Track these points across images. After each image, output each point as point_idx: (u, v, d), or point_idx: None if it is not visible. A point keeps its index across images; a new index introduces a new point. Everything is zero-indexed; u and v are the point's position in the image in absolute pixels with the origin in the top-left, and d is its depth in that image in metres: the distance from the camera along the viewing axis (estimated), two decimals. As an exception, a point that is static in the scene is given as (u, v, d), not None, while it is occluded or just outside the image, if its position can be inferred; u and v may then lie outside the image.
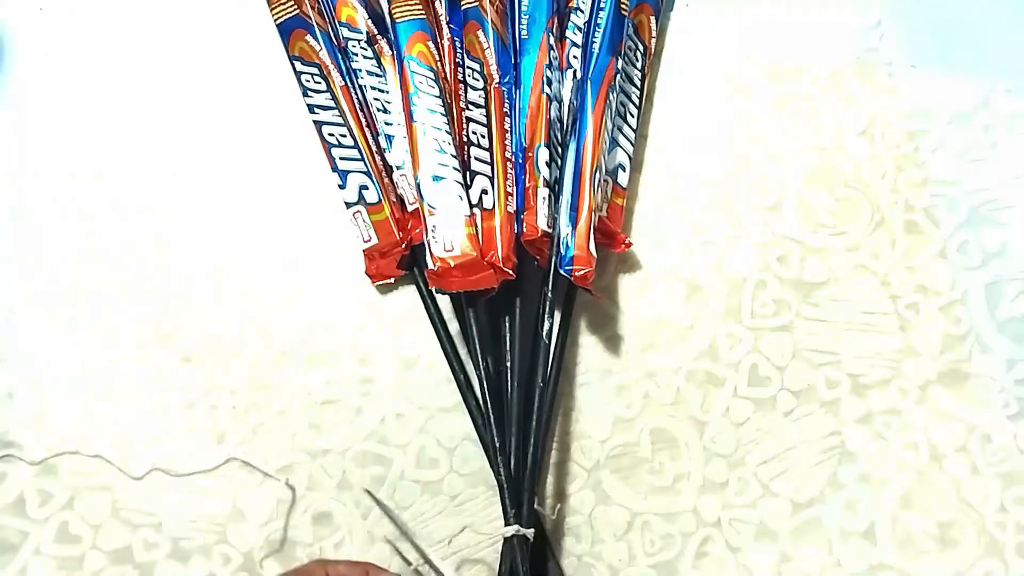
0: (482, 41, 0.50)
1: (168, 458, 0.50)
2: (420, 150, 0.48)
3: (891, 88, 0.56)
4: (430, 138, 0.48)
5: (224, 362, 0.51)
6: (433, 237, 0.47)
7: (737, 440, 0.50)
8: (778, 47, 0.57)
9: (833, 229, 0.54)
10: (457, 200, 0.47)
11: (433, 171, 0.48)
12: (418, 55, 0.50)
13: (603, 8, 0.52)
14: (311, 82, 0.53)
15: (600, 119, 0.49)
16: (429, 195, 0.47)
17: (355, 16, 0.53)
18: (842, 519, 0.49)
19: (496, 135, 0.49)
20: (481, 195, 0.48)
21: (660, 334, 0.52)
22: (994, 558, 0.49)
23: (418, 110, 0.48)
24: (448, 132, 0.49)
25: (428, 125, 0.48)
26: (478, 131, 0.49)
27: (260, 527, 0.49)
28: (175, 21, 0.57)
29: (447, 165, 0.48)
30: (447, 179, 0.48)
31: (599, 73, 0.50)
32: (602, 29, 0.51)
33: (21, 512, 0.49)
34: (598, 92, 0.50)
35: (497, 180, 0.49)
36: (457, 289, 0.47)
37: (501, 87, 0.49)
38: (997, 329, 0.52)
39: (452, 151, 0.48)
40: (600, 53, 0.51)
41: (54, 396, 0.51)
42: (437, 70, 0.50)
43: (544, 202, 0.48)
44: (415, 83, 0.49)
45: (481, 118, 0.49)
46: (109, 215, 0.54)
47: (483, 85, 0.49)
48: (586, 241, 0.47)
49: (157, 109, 0.56)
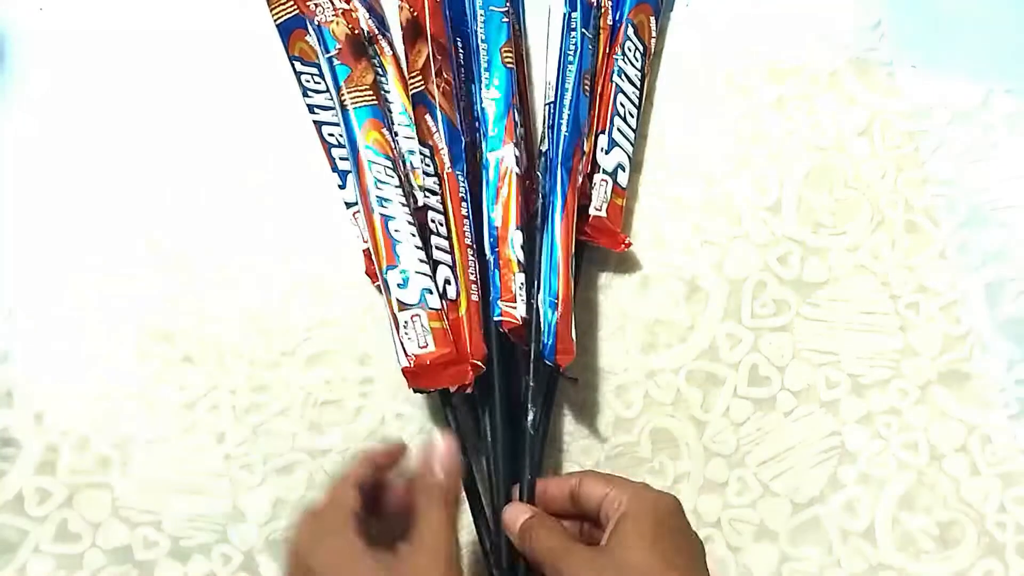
0: (431, 125, 0.48)
1: (168, 458, 0.50)
2: (382, 243, 0.46)
3: (891, 88, 0.56)
4: (392, 229, 0.47)
5: (224, 362, 0.51)
6: (406, 334, 0.46)
7: (737, 440, 0.50)
8: (778, 47, 0.57)
9: (833, 229, 0.54)
10: (426, 294, 0.46)
11: (400, 265, 0.46)
12: (374, 144, 0.48)
13: (567, 88, 0.50)
14: (311, 82, 0.53)
15: (573, 199, 0.48)
16: (397, 292, 0.46)
17: (356, 16, 0.53)
18: (842, 519, 0.49)
19: (454, 222, 0.47)
20: (445, 285, 0.47)
21: (660, 334, 0.52)
22: (994, 558, 0.49)
23: (378, 201, 0.47)
24: (411, 223, 0.47)
25: (389, 216, 0.47)
26: (436, 218, 0.48)
27: (260, 527, 0.49)
28: (175, 21, 0.57)
29: (412, 257, 0.46)
30: (413, 271, 0.46)
31: (568, 152, 0.48)
32: (568, 109, 0.49)
33: (20, 510, 0.49)
34: (569, 172, 0.48)
35: (459, 268, 0.47)
36: (435, 387, 0.46)
37: (455, 172, 0.48)
38: (997, 329, 0.52)
39: (417, 243, 0.47)
40: (568, 132, 0.49)
41: (54, 396, 0.51)
42: (393, 157, 0.48)
43: (521, 288, 0.46)
44: (373, 173, 0.47)
45: (437, 205, 0.48)
46: (109, 215, 0.54)
47: (435, 171, 0.48)
48: (568, 328, 0.46)
49: (157, 109, 0.56)
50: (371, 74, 0.48)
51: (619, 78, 0.53)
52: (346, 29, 0.49)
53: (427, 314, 0.46)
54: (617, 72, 0.53)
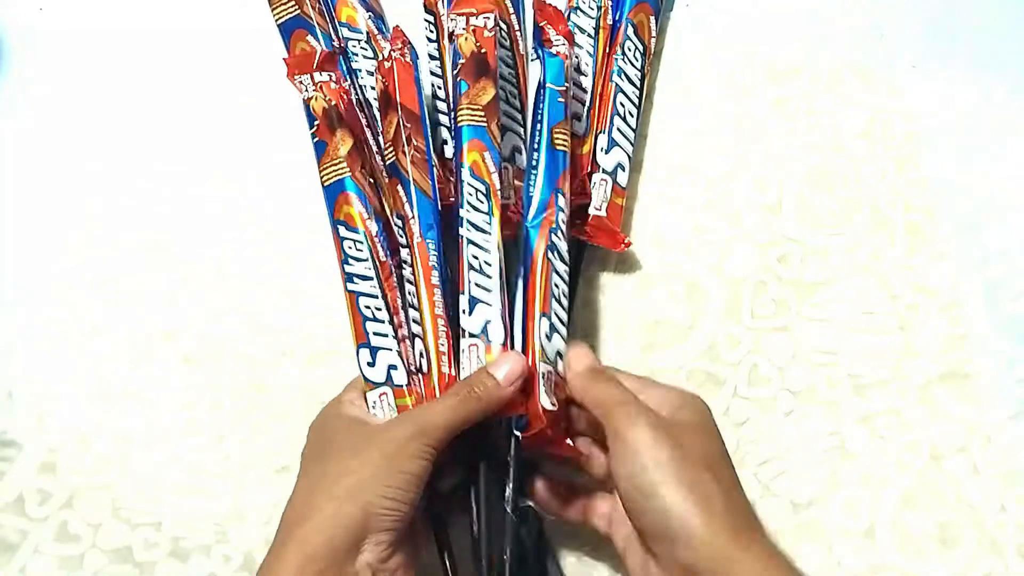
0: (402, 196, 0.47)
1: (168, 458, 0.50)
2: (351, 320, 0.46)
3: (891, 88, 0.56)
4: (362, 306, 0.46)
5: (224, 362, 0.51)
6: (374, 415, 0.45)
7: (737, 440, 0.50)
8: (778, 47, 0.57)
9: (833, 229, 0.54)
10: (392, 371, 0.45)
11: (371, 343, 0.46)
12: (344, 218, 0.47)
13: (537, 148, 0.48)
14: (311, 82, 0.53)
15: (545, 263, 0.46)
16: (367, 371, 0.45)
17: (355, 16, 0.53)
18: (842, 519, 0.49)
19: (425, 292, 0.46)
20: (419, 358, 0.46)
21: (660, 334, 0.52)
22: (994, 558, 0.49)
23: (348, 278, 0.46)
24: (380, 298, 0.46)
25: (360, 291, 0.46)
26: (411, 290, 0.47)
27: (260, 527, 0.49)
28: (175, 21, 0.57)
29: (383, 334, 0.46)
30: (383, 349, 0.46)
31: (539, 214, 0.47)
32: (537, 168, 0.48)
33: (20, 511, 0.49)
34: (537, 234, 0.46)
35: (430, 339, 0.46)
36: None
37: (425, 240, 0.46)
38: (997, 329, 0.52)
39: (385, 317, 0.46)
40: (541, 194, 0.47)
41: (54, 396, 0.51)
42: (365, 230, 0.47)
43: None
44: (344, 248, 0.47)
45: (411, 276, 0.47)
46: (109, 215, 0.54)
47: (407, 242, 0.47)
48: (536, 397, 0.43)
49: (157, 109, 0.56)
50: (347, 144, 0.48)
51: (619, 78, 0.53)
52: (324, 103, 0.49)
53: (393, 391, 0.45)
54: (617, 72, 0.53)
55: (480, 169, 0.47)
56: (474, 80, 0.48)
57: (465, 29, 0.48)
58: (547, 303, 0.45)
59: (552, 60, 0.49)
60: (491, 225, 0.46)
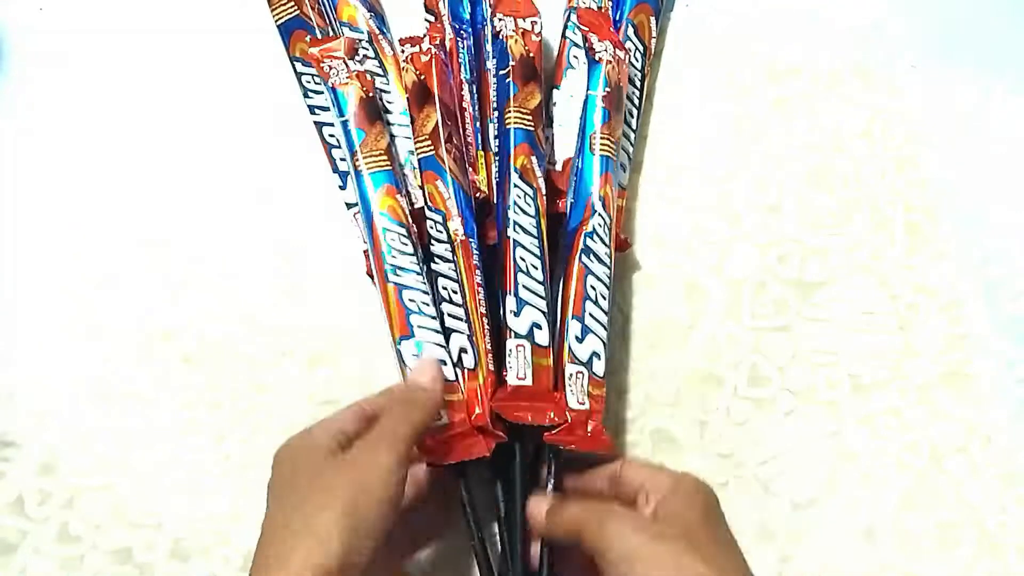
0: (442, 192, 0.47)
1: (168, 458, 0.50)
2: (395, 313, 0.45)
3: (891, 88, 0.56)
4: (406, 299, 0.46)
5: (224, 362, 0.51)
6: None
7: (737, 440, 0.50)
8: (778, 47, 0.57)
9: (833, 229, 0.54)
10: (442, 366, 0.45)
11: (415, 336, 0.45)
12: (388, 210, 0.47)
13: (580, 153, 0.48)
14: (312, 83, 0.53)
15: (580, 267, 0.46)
16: (412, 363, 0.45)
17: (356, 15, 0.53)
18: (842, 519, 0.49)
19: (468, 290, 0.46)
20: (460, 354, 0.46)
21: (660, 334, 0.52)
22: (994, 558, 0.49)
23: (392, 270, 0.46)
24: (426, 292, 0.46)
25: (404, 285, 0.46)
26: (448, 286, 0.47)
27: (260, 527, 0.49)
28: (176, 22, 0.57)
29: (426, 327, 0.45)
30: (428, 343, 0.45)
31: (577, 219, 0.47)
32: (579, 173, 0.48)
33: (20, 511, 0.49)
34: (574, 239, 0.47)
35: (475, 338, 0.46)
36: (452, 460, 0.43)
37: (468, 239, 0.47)
38: (997, 329, 0.52)
39: (432, 312, 0.46)
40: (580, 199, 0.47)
41: (54, 396, 0.51)
42: (407, 224, 0.47)
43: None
44: (387, 240, 0.46)
45: (450, 272, 0.47)
46: (109, 215, 0.54)
47: (447, 237, 0.47)
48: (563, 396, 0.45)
49: (157, 110, 0.56)
50: (385, 138, 0.48)
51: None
52: (360, 92, 0.48)
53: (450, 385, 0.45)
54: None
55: (529, 173, 0.47)
56: (523, 83, 0.48)
57: (514, 31, 0.48)
58: (580, 306, 0.46)
59: (594, 67, 0.49)
60: (537, 228, 0.46)
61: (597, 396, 0.46)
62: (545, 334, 0.45)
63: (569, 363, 0.45)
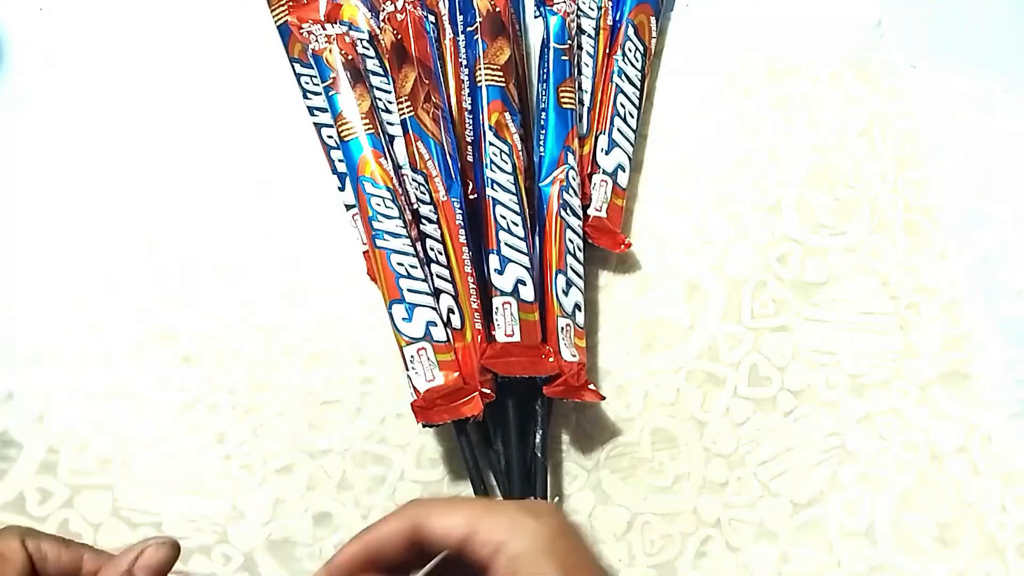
0: (423, 152, 0.47)
1: (168, 458, 0.50)
2: (383, 277, 0.46)
3: (891, 88, 0.56)
4: (394, 263, 0.46)
5: (224, 362, 0.51)
6: (413, 369, 0.45)
7: (737, 440, 0.50)
8: (778, 47, 0.57)
9: (833, 229, 0.54)
10: (431, 327, 0.46)
11: (406, 299, 0.46)
12: (371, 175, 0.47)
13: (544, 107, 0.49)
14: (311, 84, 0.53)
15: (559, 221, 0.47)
16: (402, 326, 0.46)
17: (356, 15, 0.53)
18: (842, 519, 0.49)
19: (453, 251, 0.47)
20: (448, 314, 0.47)
21: (660, 334, 0.52)
22: (994, 558, 0.49)
23: (378, 235, 0.46)
24: (414, 255, 0.46)
25: (391, 249, 0.46)
26: (435, 247, 0.47)
27: (260, 527, 0.49)
28: (175, 22, 0.57)
29: (417, 291, 0.46)
30: (419, 306, 0.46)
31: (550, 173, 0.48)
32: (546, 127, 0.49)
33: (21, 510, 0.49)
34: (549, 193, 0.48)
35: (462, 298, 0.47)
36: (445, 419, 0.45)
37: (450, 199, 0.47)
38: (997, 329, 0.52)
39: (420, 275, 0.46)
40: (550, 153, 0.48)
41: (54, 396, 0.51)
42: (393, 187, 0.47)
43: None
44: (372, 206, 0.46)
45: (435, 233, 0.47)
46: (109, 215, 0.54)
47: (430, 199, 0.47)
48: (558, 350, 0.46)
49: (157, 110, 0.56)
50: (367, 101, 0.48)
51: (619, 79, 0.53)
52: (340, 56, 0.48)
53: (432, 347, 0.45)
54: (617, 72, 0.53)
55: (503, 130, 0.47)
56: (491, 39, 0.47)
57: None
58: (562, 259, 0.47)
59: (554, 18, 0.48)
60: (515, 184, 0.47)
61: (581, 348, 0.47)
62: (530, 290, 0.46)
63: (559, 317, 0.46)
